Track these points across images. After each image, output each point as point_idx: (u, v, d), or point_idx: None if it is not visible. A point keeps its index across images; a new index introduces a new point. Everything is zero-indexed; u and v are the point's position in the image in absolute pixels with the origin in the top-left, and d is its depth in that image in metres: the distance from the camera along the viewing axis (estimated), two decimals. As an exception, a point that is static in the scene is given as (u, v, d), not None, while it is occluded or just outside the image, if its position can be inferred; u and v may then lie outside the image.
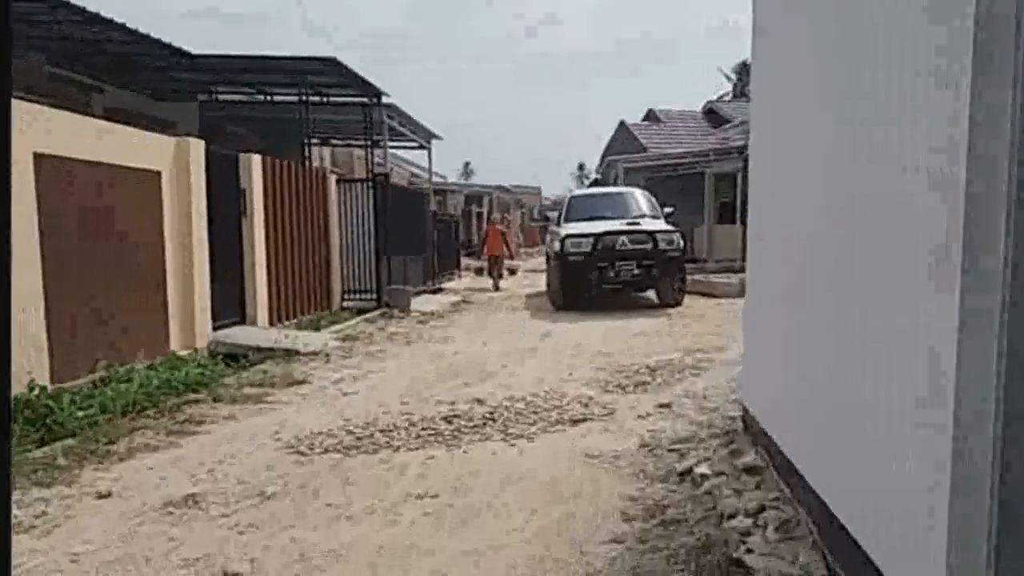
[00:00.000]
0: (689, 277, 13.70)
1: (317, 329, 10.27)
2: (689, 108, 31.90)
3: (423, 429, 5.14)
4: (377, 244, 12.42)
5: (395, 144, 20.68)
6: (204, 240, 8.41)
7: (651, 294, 14.00)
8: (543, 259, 19.14)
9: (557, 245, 12.78)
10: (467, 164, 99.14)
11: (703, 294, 14.12)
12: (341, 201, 12.57)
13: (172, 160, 8.04)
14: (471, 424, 5.22)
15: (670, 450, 4.45)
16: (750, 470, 3.54)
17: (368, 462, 4.53)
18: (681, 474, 3.92)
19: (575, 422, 5.24)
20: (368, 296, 12.44)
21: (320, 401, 6.21)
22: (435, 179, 35.48)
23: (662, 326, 10.33)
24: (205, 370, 6.95)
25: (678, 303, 12.76)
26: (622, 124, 30.55)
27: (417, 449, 4.75)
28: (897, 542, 2.09)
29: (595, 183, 39.43)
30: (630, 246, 12.37)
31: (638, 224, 12.94)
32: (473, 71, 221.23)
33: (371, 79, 13.61)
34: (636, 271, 12.37)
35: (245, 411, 5.88)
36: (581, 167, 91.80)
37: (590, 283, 12.62)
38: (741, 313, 4.92)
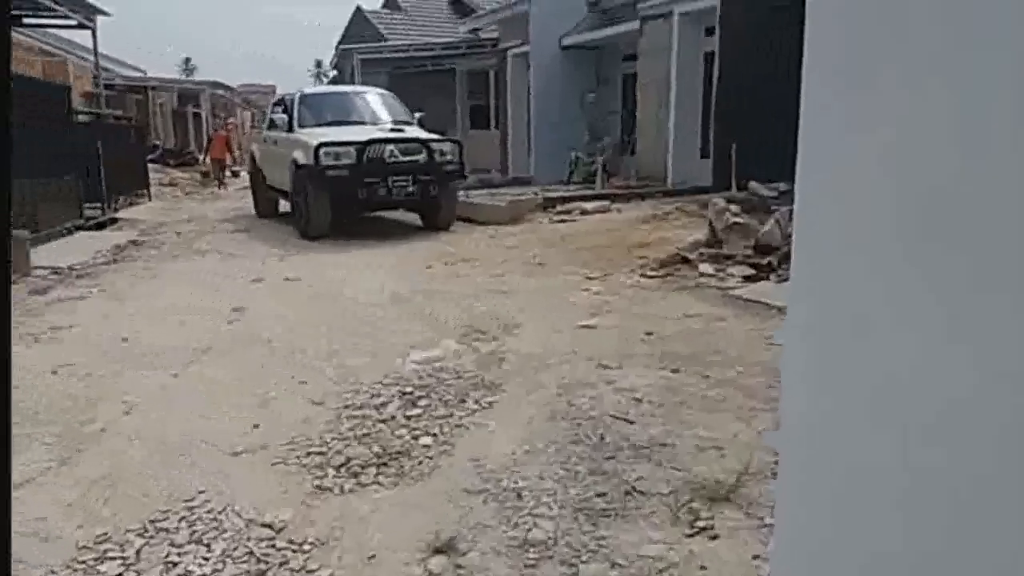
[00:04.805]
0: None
1: None
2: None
3: None
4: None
5: (38, 22, 14.87)
6: None
7: (397, 214, 11.38)
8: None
9: (303, 156, 9.66)
10: (188, 60, 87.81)
11: (465, 218, 11.13)
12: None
13: None
14: None
15: None
16: None
17: None
18: None
19: None
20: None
21: None
22: (132, 73, 28.73)
23: (422, 277, 7.21)
24: None
25: (448, 227, 10.60)
26: (358, 10, 26.22)
27: None
28: None
29: (335, 81, 34.72)
30: (401, 158, 9.81)
31: (403, 131, 10.43)
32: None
33: None
34: (411, 188, 9.83)
35: None
36: (319, 64, 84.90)
37: (357, 204, 9.98)
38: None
